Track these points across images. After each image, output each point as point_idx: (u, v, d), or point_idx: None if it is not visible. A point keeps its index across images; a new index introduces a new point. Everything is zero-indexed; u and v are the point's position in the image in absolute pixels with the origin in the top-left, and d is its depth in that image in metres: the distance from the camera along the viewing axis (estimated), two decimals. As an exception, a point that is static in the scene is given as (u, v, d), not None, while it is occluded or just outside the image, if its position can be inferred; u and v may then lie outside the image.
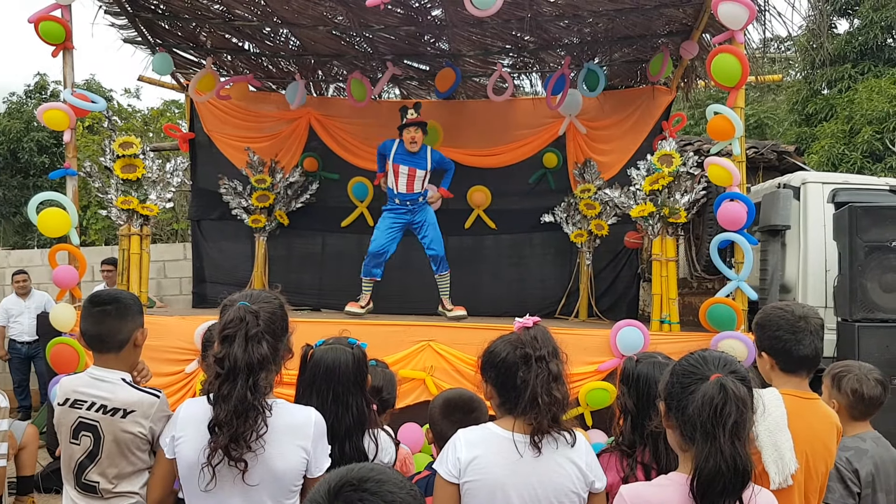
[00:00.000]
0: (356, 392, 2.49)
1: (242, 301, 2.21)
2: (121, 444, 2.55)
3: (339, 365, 2.47)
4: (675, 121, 7.43)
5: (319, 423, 2.24)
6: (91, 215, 14.07)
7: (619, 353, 5.35)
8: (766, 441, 2.43)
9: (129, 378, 2.66)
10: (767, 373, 2.70)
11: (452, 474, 2.18)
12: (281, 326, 2.28)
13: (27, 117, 18.24)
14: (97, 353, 2.67)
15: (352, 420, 2.45)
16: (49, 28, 5.59)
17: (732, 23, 5.10)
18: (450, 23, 7.03)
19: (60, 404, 2.62)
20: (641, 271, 7.89)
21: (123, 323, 2.66)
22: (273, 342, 2.20)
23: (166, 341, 5.51)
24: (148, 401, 2.59)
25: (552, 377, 2.23)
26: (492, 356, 2.34)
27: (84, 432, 2.56)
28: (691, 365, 1.94)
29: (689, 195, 5.72)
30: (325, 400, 2.43)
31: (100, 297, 2.73)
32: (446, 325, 5.87)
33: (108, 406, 2.55)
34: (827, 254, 6.14)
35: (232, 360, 2.11)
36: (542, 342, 2.28)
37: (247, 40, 7.72)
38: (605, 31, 7.10)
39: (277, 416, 2.18)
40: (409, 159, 6.70)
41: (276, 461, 2.16)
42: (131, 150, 6.02)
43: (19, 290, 8.70)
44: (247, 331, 2.14)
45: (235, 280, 7.93)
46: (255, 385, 2.11)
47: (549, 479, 2.18)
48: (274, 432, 2.15)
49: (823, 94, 15.61)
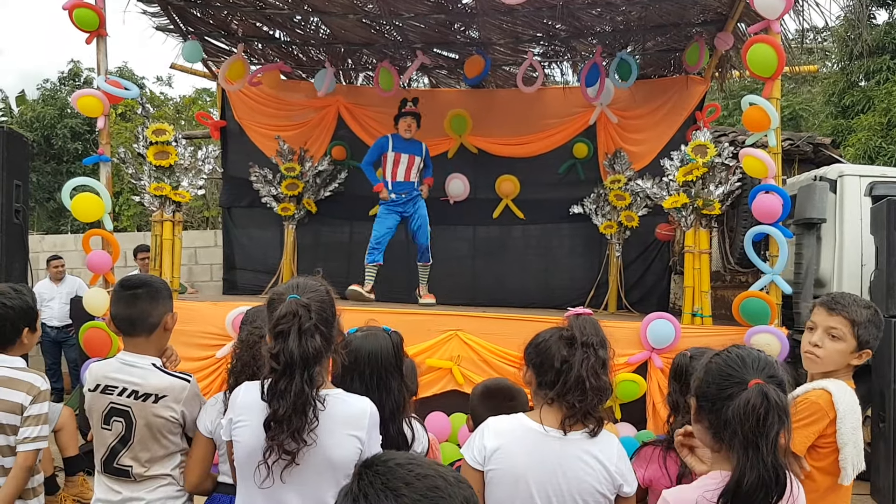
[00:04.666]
0: (397, 376, 2.51)
1: (292, 294, 2.20)
2: (153, 429, 2.56)
3: (382, 350, 2.49)
4: (709, 111, 7.33)
5: (374, 414, 2.24)
6: (123, 201, 14.24)
7: (650, 345, 5.30)
8: (850, 439, 2.39)
9: (160, 363, 2.67)
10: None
11: (477, 461, 2.19)
12: (331, 313, 2.28)
13: (61, 104, 18.50)
14: (127, 337, 2.68)
15: (394, 404, 2.47)
16: (83, 15, 5.63)
17: (769, 12, 5.00)
18: (480, 11, 6.99)
19: (91, 390, 2.63)
20: (673, 263, 7.81)
21: (154, 306, 2.67)
22: (326, 331, 2.19)
23: (197, 326, 5.56)
24: (179, 385, 2.61)
25: (600, 363, 2.22)
26: (536, 338, 2.34)
27: (116, 418, 2.58)
28: (728, 366, 1.88)
29: (724, 186, 5.64)
30: (369, 385, 2.43)
31: (130, 280, 2.74)
32: (474, 314, 5.86)
33: (139, 391, 2.57)
34: (863, 248, 6.04)
35: (287, 355, 2.09)
36: (590, 330, 2.26)
37: (277, 28, 7.74)
38: (638, 19, 7.01)
39: (334, 406, 2.17)
40: (407, 148, 7.01)
41: (333, 451, 2.15)
42: (164, 137, 6.06)
43: (55, 276, 8.83)
44: (300, 325, 2.12)
45: (265, 267, 8.00)
46: (311, 379, 2.10)
47: (574, 475, 2.16)
48: (331, 422, 2.14)
49: (861, 85, 15.33)
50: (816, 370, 2.58)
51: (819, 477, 2.43)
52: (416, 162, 7.04)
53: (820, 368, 2.57)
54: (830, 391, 2.44)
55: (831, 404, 2.41)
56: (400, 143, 7.00)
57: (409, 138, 7.02)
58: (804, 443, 2.40)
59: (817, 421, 2.41)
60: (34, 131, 17.85)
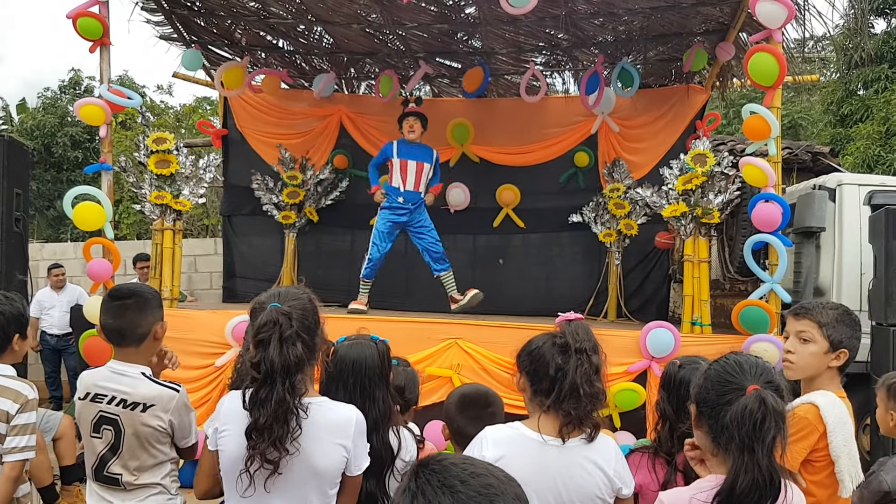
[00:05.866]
0: (381, 386, 2.50)
1: (273, 302, 2.21)
2: (141, 438, 2.57)
3: (365, 359, 2.48)
4: (709, 120, 7.35)
5: (360, 422, 2.24)
6: (123, 210, 14.24)
7: (649, 354, 5.30)
8: (843, 451, 2.40)
9: (150, 372, 2.68)
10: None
11: None
12: (314, 321, 2.29)
13: (61, 112, 18.52)
14: (117, 347, 2.69)
15: (378, 413, 2.45)
16: (87, 24, 5.65)
17: (770, 21, 5.03)
18: (483, 20, 7.02)
19: (81, 398, 2.64)
20: (672, 272, 7.81)
21: (143, 317, 2.68)
22: (308, 339, 2.20)
23: (197, 335, 5.57)
24: (167, 395, 2.61)
25: (594, 369, 2.22)
26: (529, 345, 2.34)
27: (105, 426, 2.59)
28: (727, 372, 1.92)
29: (723, 195, 5.65)
30: (352, 394, 2.43)
31: (119, 291, 2.75)
32: (473, 322, 5.86)
33: (128, 400, 2.58)
34: (862, 256, 6.05)
35: (268, 364, 2.10)
36: (583, 336, 2.27)
37: (281, 38, 7.78)
38: (640, 29, 7.04)
39: (319, 414, 2.17)
40: (416, 154, 6.74)
41: (317, 459, 2.15)
42: (165, 145, 6.07)
43: (56, 284, 8.83)
44: (281, 333, 2.13)
45: (265, 275, 7.99)
46: (292, 387, 2.11)
47: (574, 482, 2.17)
48: (315, 430, 2.15)
49: (859, 94, 15.37)
50: (795, 377, 2.59)
51: (817, 491, 2.43)
52: (424, 169, 6.77)
53: (798, 375, 2.59)
54: (818, 404, 2.44)
55: (819, 418, 2.42)
56: (406, 148, 6.76)
57: (415, 141, 6.75)
58: (797, 458, 2.40)
59: (807, 436, 2.41)
60: (34, 139, 17.87)
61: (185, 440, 2.69)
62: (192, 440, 2.71)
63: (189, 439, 2.70)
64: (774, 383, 1.88)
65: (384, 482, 2.45)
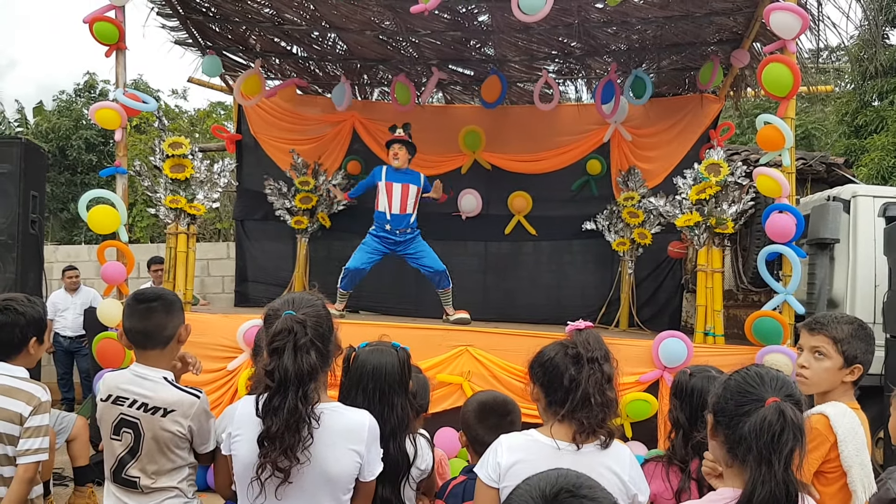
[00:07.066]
0: (401, 393, 2.50)
1: (287, 310, 2.21)
2: (160, 442, 2.57)
3: (386, 366, 2.49)
4: (722, 129, 7.33)
5: (373, 428, 2.24)
6: (137, 213, 14.32)
7: (662, 364, 5.28)
8: (855, 461, 2.38)
9: (171, 377, 2.68)
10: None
11: (492, 478, 2.17)
12: (327, 328, 2.28)
13: (76, 115, 18.64)
14: (141, 350, 2.70)
15: (396, 420, 2.45)
16: (103, 28, 5.70)
17: (785, 32, 5.02)
18: (496, 28, 7.03)
19: (103, 400, 2.65)
20: (685, 282, 7.79)
21: (169, 319, 2.69)
22: (322, 347, 2.20)
23: (209, 338, 5.59)
24: (188, 400, 2.62)
25: (605, 378, 2.22)
26: (542, 356, 2.33)
27: (125, 429, 2.59)
28: (747, 383, 1.90)
29: (737, 205, 5.64)
30: (371, 400, 2.43)
31: (144, 294, 2.77)
32: (484, 330, 5.86)
33: (149, 404, 2.58)
34: (877, 268, 6.01)
35: (282, 372, 2.10)
36: (594, 344, 2.26)
37: (295, 44, 7.82)
38: (654, 38, 7.03)
39: (332, 419, 2.17)
40: (402, 177, 6.65)
41: (330, 465, 2.15)
42: (180, 150, 6.11)
43: (70, 286, 8.88)
44: (295, 341, 2.13)
45: (277, 280, 8.02)
46: (305, 396, 2.11)
47: None
48: (329, 436, 2.15)
49: (874, 105, 15.28)
50: (809, 391, 2.57)
51: (830, 502, 2.41)
52: (410, 191, 6.64)
53: (812, 389, 2.57)
54: (828, 415, 2.43)
55: (829, 428, 2.40)
56: (393, 172, 6.68)
57: (401, 168, 6.65)
58: (809, 469, 2.39)
59: (818, 447, 2.39)
60: (49, 142, 17.99)
61: (204, 446, 2.70)
62: (210, 446, 2.71)
63: (208, 445, 2.70)
64: (794, 397, 1.87)
65: (399, 489, 2.45)
